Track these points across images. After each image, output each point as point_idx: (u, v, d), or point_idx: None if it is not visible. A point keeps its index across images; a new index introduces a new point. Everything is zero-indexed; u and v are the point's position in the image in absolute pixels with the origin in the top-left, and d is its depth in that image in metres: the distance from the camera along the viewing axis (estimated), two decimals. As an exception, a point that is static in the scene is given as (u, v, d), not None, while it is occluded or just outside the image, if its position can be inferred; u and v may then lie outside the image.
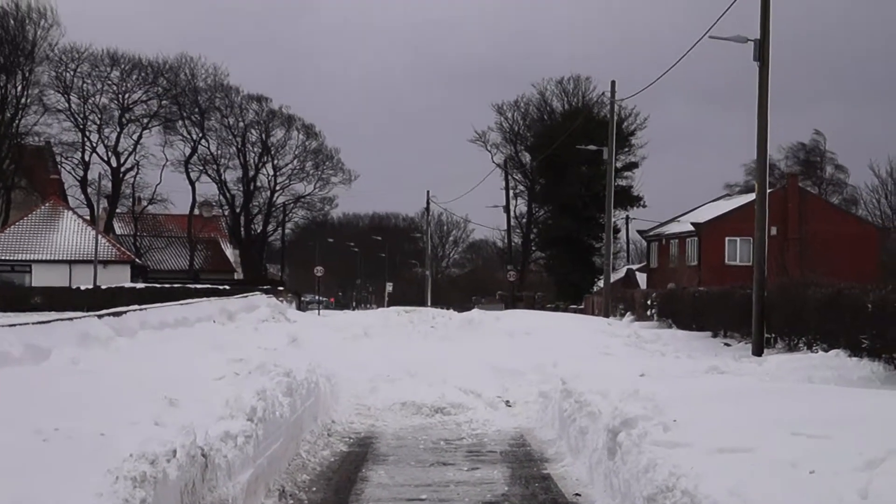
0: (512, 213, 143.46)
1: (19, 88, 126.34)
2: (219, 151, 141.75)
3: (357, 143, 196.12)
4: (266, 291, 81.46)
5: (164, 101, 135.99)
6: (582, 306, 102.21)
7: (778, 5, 42.14)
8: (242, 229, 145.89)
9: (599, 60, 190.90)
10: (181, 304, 53.60)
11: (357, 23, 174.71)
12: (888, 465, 14.62)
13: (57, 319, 35.37)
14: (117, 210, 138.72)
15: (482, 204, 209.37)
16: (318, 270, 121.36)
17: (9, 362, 25.39)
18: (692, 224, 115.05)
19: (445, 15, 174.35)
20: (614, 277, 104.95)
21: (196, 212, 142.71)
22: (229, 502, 16.20)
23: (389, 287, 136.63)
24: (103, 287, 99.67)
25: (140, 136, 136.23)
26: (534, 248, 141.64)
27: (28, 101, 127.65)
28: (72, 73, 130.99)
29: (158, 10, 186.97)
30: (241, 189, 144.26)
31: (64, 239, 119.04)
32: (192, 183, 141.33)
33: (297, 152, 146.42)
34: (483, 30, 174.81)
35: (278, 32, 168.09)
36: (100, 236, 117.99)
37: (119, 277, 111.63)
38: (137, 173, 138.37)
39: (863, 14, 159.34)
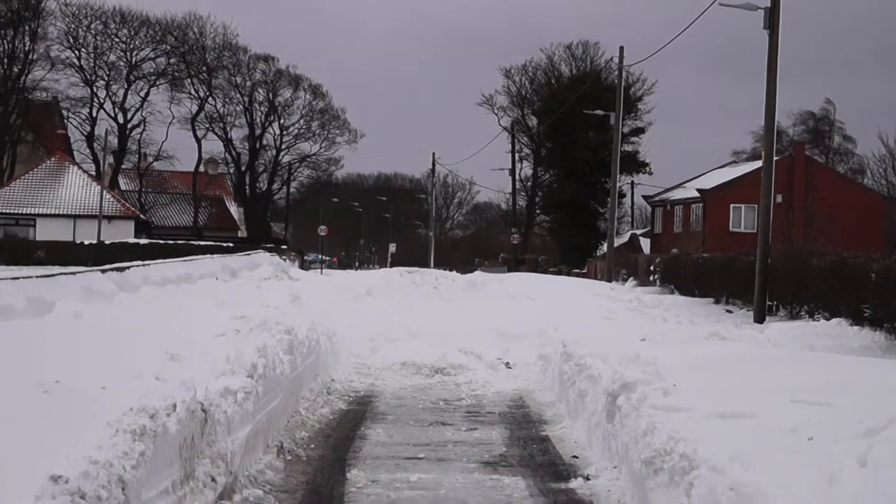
0: (517, 177, 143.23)
1: (27, 43, 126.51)
2: (225, 110, 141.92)
3: (364, 104, 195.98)
4: (269, 250, 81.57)
5: (171, 59, 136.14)
6: (585, 270, 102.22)
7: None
8: (247, 187, 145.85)
9: (608, 25, 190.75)
10: (184, 261, 53.67)
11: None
12: (888, 433, 14.64)
13: (60, 273, 35.43)
14: (123, 166, 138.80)
15: (487, 166, 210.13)
16: (322, 230, 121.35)
17: (12, 315, 25.45)
18: (697, 190, 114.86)
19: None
20: (618, 242, 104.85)
21: (201, 169, 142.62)
22: (228, 457, 16.26)
23: (392, 248, 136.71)
24: (107, 242, 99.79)
25: (147, 93, 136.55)
26: (538, 212, 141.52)
27: (35, 56, 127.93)
28: (83, 29, 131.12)
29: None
30: (247, 147, 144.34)
31: (69, 193, 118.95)
32: (198, 140, 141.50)
33: (303, 112, 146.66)
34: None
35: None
36: (105, 191, 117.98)
37: (123, 233, 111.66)
38: (144, 130, 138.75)
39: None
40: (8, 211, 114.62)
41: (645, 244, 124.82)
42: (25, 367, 16.57)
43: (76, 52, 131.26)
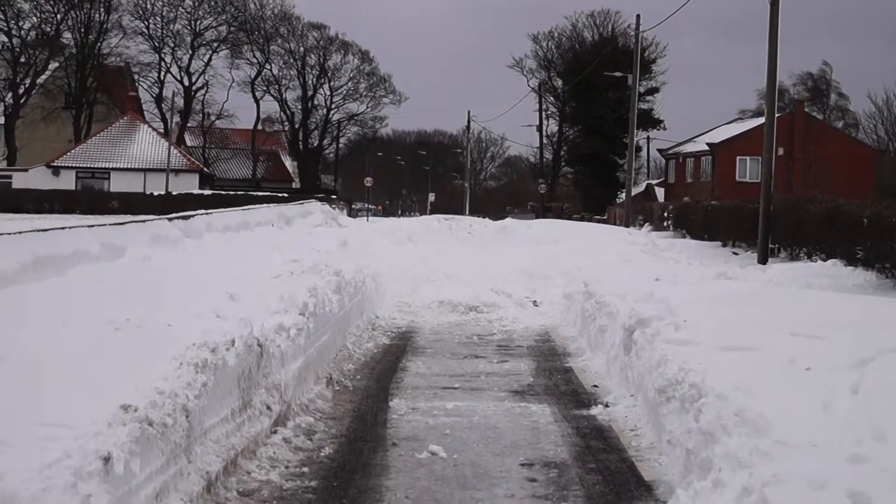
0: (544, 133, 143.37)
1: (102, 13, 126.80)
2: (281, 73, 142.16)
3: (407, 67, 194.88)
4: (320, 199, 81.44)
5: (232, 28, 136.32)
6: (605, 217, 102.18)
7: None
8: (300, 143, 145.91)
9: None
10: (243, 210, 53.61)
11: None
12: (878, 363, 14.66)
13: (131, 221, 35.46)
14: (188, 124, 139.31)
15: (518, 123, 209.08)
16: (368, 181, 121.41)
17: (87, 259, 25.50)
18: (707, 144, 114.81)
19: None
20: (635, 191, 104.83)
21: (259, 127, 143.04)
22: (282, 388, 16.29)
23: (432, 197, 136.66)
24: (174, 193, 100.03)
25: (210, 59, 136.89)
26: (563, 164, 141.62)
27: (109, 25, 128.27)
28: (152, 1, 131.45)
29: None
30: (300, 107, 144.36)
31: (140, 149, 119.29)
32: (256, 101, 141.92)
33: (352, 75, 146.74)
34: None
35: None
36: (172, 147, 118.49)
37: (188, 185, 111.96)
38: (207, 92, 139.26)
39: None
40: (85, 165, 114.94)
41: (659, 193, 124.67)
42: (99, 306, 16.62)
43: (145, 21, 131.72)
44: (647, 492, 13.03)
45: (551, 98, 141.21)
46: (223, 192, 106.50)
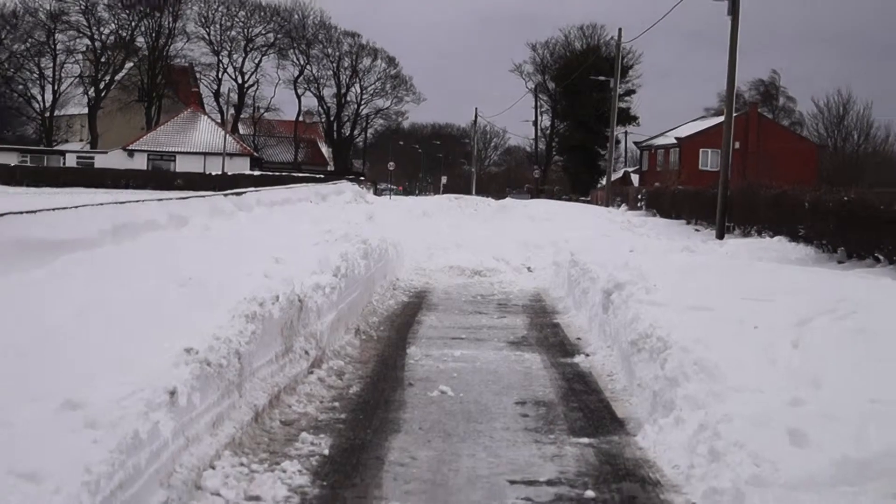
0: (539, 126, 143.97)
1: (170, 21, 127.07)
2: (319, 73, 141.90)
3: (424, 68, 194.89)
4: (351, 180, 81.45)
5: (278, 35, 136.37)
6: (589, 199, 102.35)
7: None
8: (335, 133, 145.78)
9: (611, 7, 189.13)
10: (286, 188, 53.66)
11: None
12: (814, 323, 14.73)
13: (193, 196, 35.55)
14: (241, 116, 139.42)
15: (517, 119, 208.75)
16: (391, 165, 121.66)
17: (157, 228, 25.58)
18: (675, 138, 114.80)
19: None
20: (614, 177, 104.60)
21: (300, 119, 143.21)
22: (318, 336, 16.36)
23: (444, 179, 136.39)
24: (229, 173, 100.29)
25: (260, 61, 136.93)
26: (554, 153, 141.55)
27: (175, 31, 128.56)
28: (212, 11, 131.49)
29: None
30: (335, 102, 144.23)
31: (200, 136, 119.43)
32: (298, 97, 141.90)
33: (379, 76, 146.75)
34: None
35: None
36: (227, 135, 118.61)
37: (241, 166, 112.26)
38: (257, 88, 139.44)
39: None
40: (155, 149, 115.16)
41: (634, 179, 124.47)
42: (167, 266, 16.70)
43: (206, 28, 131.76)
44: (620, 426, 13.08)
45: (545, 97, 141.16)
46: (269, 174, 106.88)
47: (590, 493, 10.30)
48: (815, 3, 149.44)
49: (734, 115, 47.71)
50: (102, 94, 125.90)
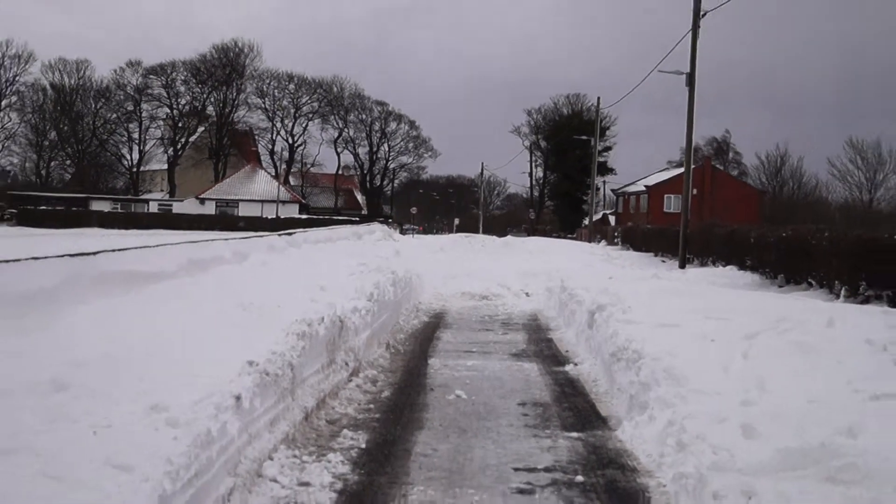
0: (533, 177, 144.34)
1: (234, 94, 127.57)
2: (355, 135, 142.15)
3: (440, 127, 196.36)
4: (381, 222, 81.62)
5: (321, 104, 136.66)
6: (575, 235, 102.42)
7: (701, 51, 41.75)
8: (368, 183, 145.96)
9: (591, 80, 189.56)
10: (328, 229, 53.72)
11: (436, 52, 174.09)
12: (760, 337, 14.72)
13: (253, 236, 35.62)
14: (291, 170, 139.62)
15: (516, 170, 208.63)
16: (413, 209, 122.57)
17: (223, 262, 25.57)
18: (645, 186, 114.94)
19: (494, 50, 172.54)
20: (595, 218, 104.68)
21: (340, 172, 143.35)
22: (355, 350, 16.35)
23: (457, 221, 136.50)
24: (282, 217, 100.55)
25: (306, 125, 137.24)
26: (546, 199, 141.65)
27: (238, 102, 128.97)
28: (267, 86, 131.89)
29: (307, 44, 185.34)
30: (368, 159, 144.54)
31: (258, 187, 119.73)
32: (338, 154, 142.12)
33: (403, 137, 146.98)
34: (518, 59, 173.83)
35: (389, 59, 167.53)
36: (280, 186, 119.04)
37: (291, 211, 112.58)
38: (304, 147, 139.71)
39: (747, 56, 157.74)
40: (222, 198, 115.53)
41: (612, 219, 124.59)
42: (232, 294, 16.69)
43: (263, 100, 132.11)
44: (603, 423, 13.06)
45: (538, 153, 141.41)
46: (314, 217, 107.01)
47: (579, 478, 10.30)
48: (759, 75, 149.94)
49: (692, 167, 47.75)
50: (179, 152, 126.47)
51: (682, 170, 55.55)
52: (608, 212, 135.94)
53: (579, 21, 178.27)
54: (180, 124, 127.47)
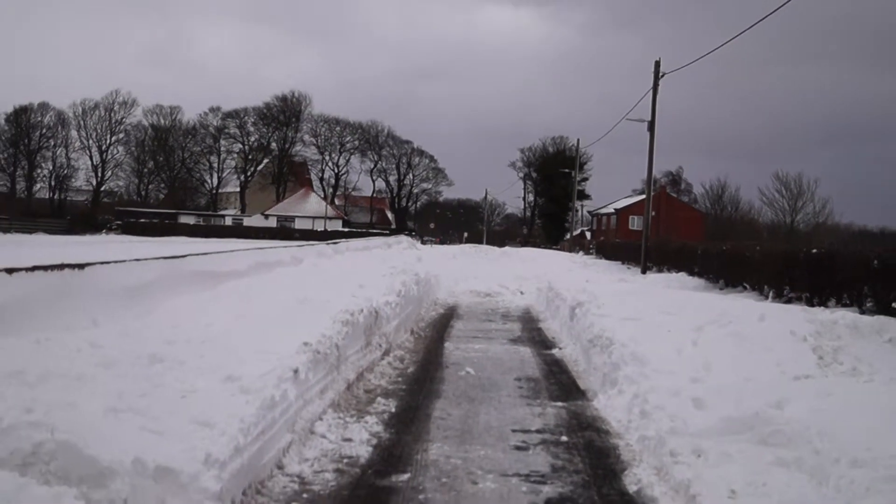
0: (526, 201, 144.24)
1: (293, 133, 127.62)
2: (386, 166, 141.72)
3: (454, 158, 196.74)
4: (406, 234, 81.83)
5: (361, 142, 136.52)
6: (559, 247, 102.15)
7: (660, 104, 41.81)
8: (396, 204, 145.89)
9: (573, 125, 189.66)
10: (365, 239, 53.87)
11: (451, 101, 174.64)
12: (706, 328, 14.70)
13: (306, 245, 35.68)
14: (336, 193, 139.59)
15: (513, 195, 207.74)
16: (431, 225, 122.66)
17: (283, 265, 25.58)
18: (614, 209, 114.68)
19: (495, 101, 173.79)
20: (575, 233, 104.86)
21: (374, 195, 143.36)
22: (387, 335, 16.33)
23: (465, 234, 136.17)
24: (328, 230, 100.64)
25: (349, 159, 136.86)
26: (536, 218, 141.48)
27: (296, 140, 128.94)
28: (319, 127, 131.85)
29: (350, 93, 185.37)
30: (396, 185, 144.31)
31: (310, 206, 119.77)
32: (373, 181, 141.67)
33: (424, 168, 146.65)
34: (514, 109, 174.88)
35: (415, 106, 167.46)
36: (327, 205, 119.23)
37: (335, 226, 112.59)
38: (346, 175, 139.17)
39: (697, 106, 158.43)
40: (282, 214, 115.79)
41: (588, 234, 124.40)
42: (290, 290, 16.69)
43: (315, 139, 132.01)
44: (582, 395, 13.02)
45: (530, 182, 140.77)
46: (354, 230, 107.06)
47: (564, 438, 10.27)
48: (707, 122, 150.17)
49: (652, 194, 47.83)
50: (249, 178, 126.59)
51: (643, 196, 55.63)
52: (585, 229, 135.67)
53: (565, 80, 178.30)
54: (250, 157, 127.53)
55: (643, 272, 41.89)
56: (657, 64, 41.90)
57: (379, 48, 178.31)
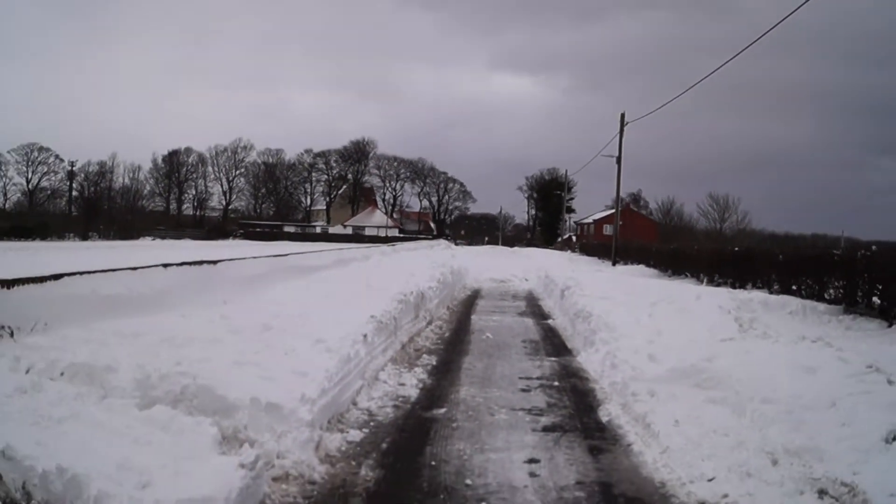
0: (529, 214, 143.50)
1: (363, 166, 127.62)
2: (429, 190, 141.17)
3: (477, 181, 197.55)
4: (444, 239, 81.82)
5: (410, 172, 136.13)
6: (553, 248, 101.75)
7: (626, 143, 41.52)
8: (437, 216, 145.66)
9: (563, 158, 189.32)
10: (414, 242, 53.96)
11: (475, 140, 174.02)
12: (658, 305, 14.56)
13: (373, 246, 35.77)
14: (394, 209, 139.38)
15: (520, 210, 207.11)
16: (462, 231, 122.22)
17: (356, 260, 25.67)
18: (593, 220, 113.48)
19: (507, 140, 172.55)
20: (564, 237, 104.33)
21: (420, 210, 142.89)
22: (430, 310, 16.31)
23: (486, 238, 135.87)
24: (389, 236, 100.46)
25: (403, 184, 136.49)
26: (536, 226, 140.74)
27: (365, 172, 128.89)
28: (381, 162, 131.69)
29: (404, 135, 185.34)
30: (437, 203, 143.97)
31: (376, 219, 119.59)
32: (420, 200, 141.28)
33: (456, 192, 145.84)
34: (521, 147, 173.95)
35: (450, 145, 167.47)
36: (387, 218, 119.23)
37: (393, 233, 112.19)
38: (402, 196, 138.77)
39: (652, 142, 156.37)
40: (356, 225, 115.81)
41: (574, 238, 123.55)
42: (361, 279, 16.74)
43: (379, 170, 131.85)
44: (569, 353, 12.94)
45: (532, 201, 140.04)
46: (406, 236, 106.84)
47: (556, 383, 10.23)
48: (660, 154, 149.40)
49: (620, 209, 47.53)
50: (332, 200, 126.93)
51: (613, 210, 55.27)
52: (572, 234, 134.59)
53: (556, 126, 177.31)
54: (332, 184, 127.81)
55: (613, 265, 41.52)
56: (622, 116, 41.76)
57: (420, 104, 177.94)
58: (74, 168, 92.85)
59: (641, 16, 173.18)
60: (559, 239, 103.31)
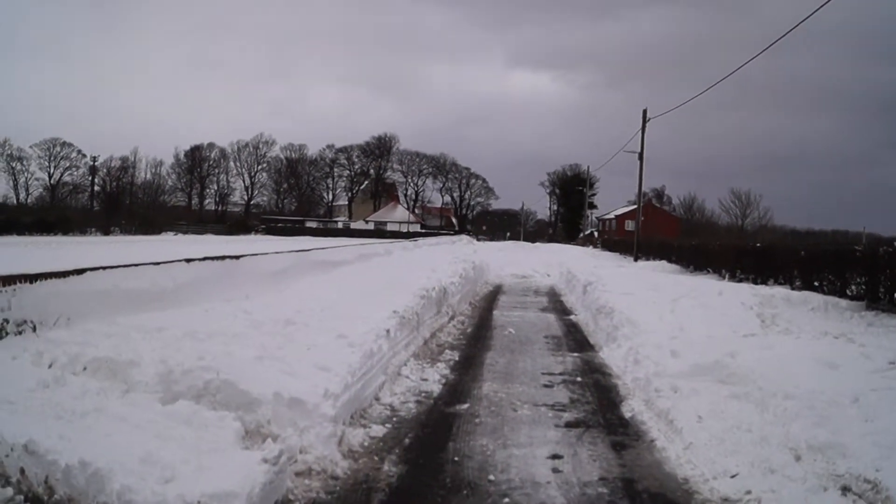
0: (551, 209, 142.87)
1: (385, 162, 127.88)
2: (451, 185, 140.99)
3: (499, 177, 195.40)
4: (466, 234, 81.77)
5: (433, 168, 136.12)
6: (575, 243, 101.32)
7: (648, 138, 41.28)
8: (459, 212, 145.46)
9: (585, 154, 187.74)
10: (436, 237, 54.05)
11: (497, 137, 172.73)
12: (681, 300, 14.49)
13: (395, 241, 35.83)
14: (416, 204, 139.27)
15: (542, 206, 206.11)
16: (484, 227, 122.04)
17: (377, 255, 25.72)
18: (615, 215, 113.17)
19: (529, 137, 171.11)
20: (586, 233, 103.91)
21: (443, 205, 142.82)
22: (453, 305, 16.29)
23: (508, 234, 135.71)
24: (411, 231, 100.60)
25: (425, 180, 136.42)
26: (558, 221, 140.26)
27: (387, 168, 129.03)
28: (402, 157, 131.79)
29: (426, 131, 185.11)
30: (459, 198, 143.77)
31: (398, 214, 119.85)
32: (442, 196, 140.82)
33: (478, 187, 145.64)
34: (542, 143, 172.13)
35: (472, 140, 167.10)
36: (410, 214, 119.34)
37: (415, 228, 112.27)
38: (423, 191, 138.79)
39: (674, 139, 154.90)
40: (378, 220, 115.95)
41: (596, 234, 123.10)
42: (383, 273, 16.79)
43: (401, 166, 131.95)
44: (592, 348, 12.87)
45: (554, 196, 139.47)
46: (429, 231, 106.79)
47: (579, 378, 10.18)
48: (682, 151, 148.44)
49: (642, 204, 47.26)
50: (354, 195, 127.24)
51: (636, 206, 55.01)
52: (594, 229, 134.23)
53: (576, 122, 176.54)
54: (354, 180, 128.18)
55: (635, 260, 41.30)
56: (644, 112, 41.49)
57: (438, 100, 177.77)
58: (96, 163, 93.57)
59: (660, 12, 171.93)
60: (581, 235, 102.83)
